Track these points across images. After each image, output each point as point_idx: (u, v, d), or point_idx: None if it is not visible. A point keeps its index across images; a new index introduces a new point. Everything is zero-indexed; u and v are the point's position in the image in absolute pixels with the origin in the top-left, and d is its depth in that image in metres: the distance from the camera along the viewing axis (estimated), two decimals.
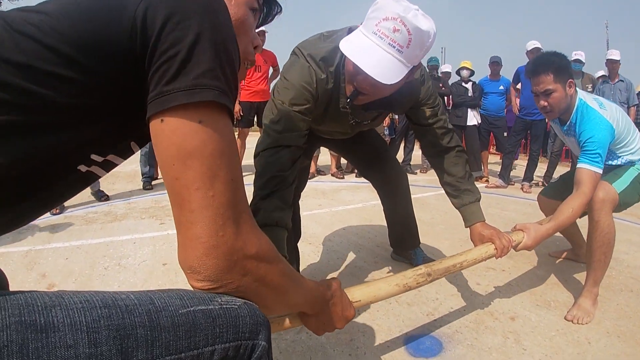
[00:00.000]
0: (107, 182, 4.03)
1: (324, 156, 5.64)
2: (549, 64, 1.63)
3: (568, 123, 1.72)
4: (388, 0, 1.03)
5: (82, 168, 0.52)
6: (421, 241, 2.10)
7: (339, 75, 1.25)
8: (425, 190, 4.11)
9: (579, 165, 1.59)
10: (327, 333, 1.49)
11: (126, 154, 0.59)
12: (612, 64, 4.56)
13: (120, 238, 2.47)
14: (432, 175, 5.41)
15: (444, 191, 1.58)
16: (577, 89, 1.71)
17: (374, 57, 1.03)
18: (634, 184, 1.68)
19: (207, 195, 0.45)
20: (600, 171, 1.56)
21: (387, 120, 5.49)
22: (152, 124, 0.47)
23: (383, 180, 1.95)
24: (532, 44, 4.40)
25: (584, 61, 4.51)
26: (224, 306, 0.48)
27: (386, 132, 5.54)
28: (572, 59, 4.48)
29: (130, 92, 0.48)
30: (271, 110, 1.25)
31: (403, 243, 2.07)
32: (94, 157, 0.52)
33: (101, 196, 3.44)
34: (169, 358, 0.41)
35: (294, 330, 1.44)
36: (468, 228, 1.49)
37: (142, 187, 3.93)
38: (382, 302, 1.66)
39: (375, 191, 2.02)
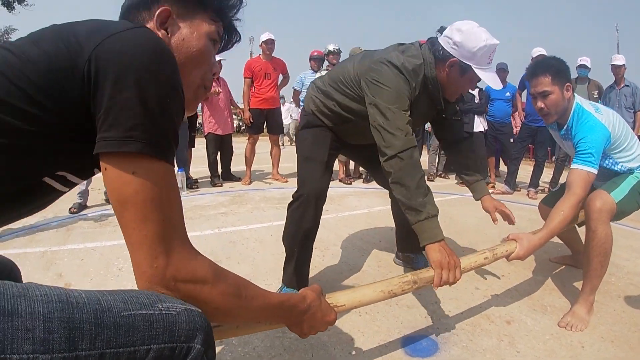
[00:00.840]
0: None
1: None
2: (548, 67, 1.69)
3: (565, 127, 1.76)
4: (488, 38, 1.42)
5: (48, 180, 0.63)
6: None
7: (427, 84, 1.58)
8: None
9: (571, 166, 1.62)
10: (329, 332, 1.56)
11: (86, 175, 0.69)
12: (616, 69, 4.54)
13: None
14: (440, 182, 5.45)
15: (451, 197, 1.67)
16: (575, 94, 1.75)
17: (494, 78, 1.51)
18: (632, 193, 1.69)
19: (141, 234, 0.56)
20: (594, 171, 1.58)
21: None
22: (102, 169, 0.58)
23: None
24: (537, 51, 4.43)
25: (589, 67, 4.51)
26: (163, 312, 0.56)
27: None
28: (578, 64, 4.49)
29: (84, 128, 0.58)
30: (384, 114, 1.45)
31: (408, 243, 2.15)
32: (60, 173, 0.63)
33: None
34: (108, 351, 0.49)
35: None
36: (479, 200, 1.89)
37: None
38: (383, 305, 1.72)
39: (381, 197, 2.09)
